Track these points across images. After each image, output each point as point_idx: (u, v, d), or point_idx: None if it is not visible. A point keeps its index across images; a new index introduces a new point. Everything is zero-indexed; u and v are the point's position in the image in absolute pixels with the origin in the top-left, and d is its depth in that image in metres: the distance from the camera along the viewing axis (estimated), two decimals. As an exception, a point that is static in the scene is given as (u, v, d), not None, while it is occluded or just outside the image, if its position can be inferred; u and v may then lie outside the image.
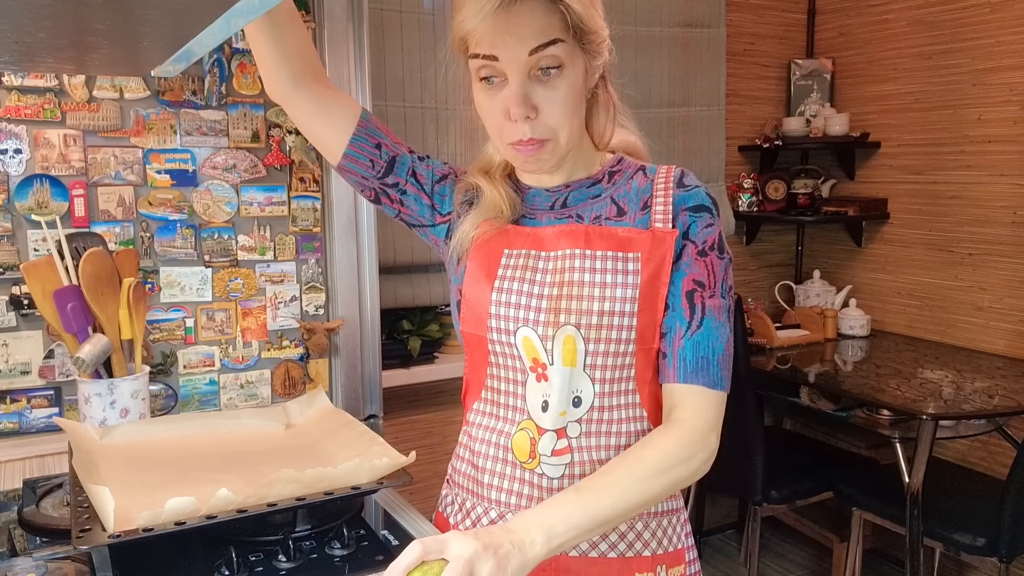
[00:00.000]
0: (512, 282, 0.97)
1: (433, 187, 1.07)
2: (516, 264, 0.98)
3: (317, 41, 1.65)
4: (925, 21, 2.80)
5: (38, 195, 1.46)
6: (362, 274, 1.72)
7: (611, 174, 1.01)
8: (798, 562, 2.96)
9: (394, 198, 1.06)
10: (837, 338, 2.98)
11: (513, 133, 0.91)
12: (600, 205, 0.99)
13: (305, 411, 1.41)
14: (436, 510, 1.13)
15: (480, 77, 0.91)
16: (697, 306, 0.93)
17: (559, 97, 0.89)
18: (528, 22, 0.86)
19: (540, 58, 0.87)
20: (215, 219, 1.60)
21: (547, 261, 0.97)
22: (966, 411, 2.18)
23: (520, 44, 0.86)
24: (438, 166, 1.09)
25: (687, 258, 0.95)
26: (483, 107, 0.94)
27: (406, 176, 1.06)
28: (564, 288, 0.94)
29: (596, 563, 0.97)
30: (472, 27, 0.87)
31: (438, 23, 2.35)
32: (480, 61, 0.89)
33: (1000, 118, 2.61)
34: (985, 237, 2.68)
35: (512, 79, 0.88)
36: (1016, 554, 2.13)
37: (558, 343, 0.94)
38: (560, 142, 0.92)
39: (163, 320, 1.57)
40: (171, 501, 0.94)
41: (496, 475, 1.00)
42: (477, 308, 0.99)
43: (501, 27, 0.86)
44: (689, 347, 0.92)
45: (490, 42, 0.87)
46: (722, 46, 2.87)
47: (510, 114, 0.89)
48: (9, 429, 1.47)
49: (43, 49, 1.07)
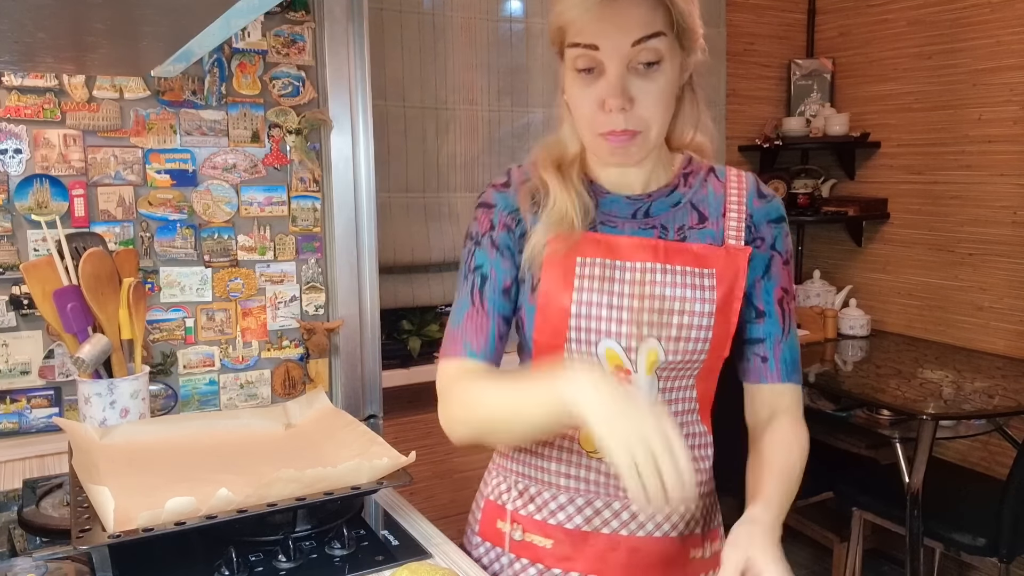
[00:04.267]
0: (591, 293, 0.96)
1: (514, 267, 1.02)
2: (592, 274, 0.97)
3: (317, 41, 1.66)
4: (925, 21, 2.80)
5: (38, 195, 1.46)
6: (362, 274, 1.72)
7: (686, 176, 1.02)
8: (798, 562, 2.96)
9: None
10: (837, 338, 2.98)
11: (606, 123, 0.90)
12: (682, 213, 1.00)
13: (305, 411, 1.41)
14: (485, 499, 1.12)
15: (577, 68, 0.91)
16: (787, 312, 1.02)
17: (655, 90, 0.89)
18: (632, 13, 0.86)
19: (641, 50, 0.87)
20: (215, 219, 1.60)
21: (624, 271, 0.96)
22: (966, 411, 2.18)
23: (623, 35, 0.86)
24: (502, 268, 1.01)
25: (775, 268, 1.01)
26: (576, 97, 0.93)
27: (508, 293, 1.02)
28: (646, 301, 0.95)
29: (661, 542, 1.01)
30: (574, 16, 0.88)
31: (438, 23, 2.35)
32: (579, 50, 0.89)
33: (1000, 118, 2.61)
34: (985, 237, 2.68)
35: (611, 70, 0.88)
36: (1016, 554, 2.13)
37: (642, 354, 0.96)
38: (651, 135, 0.92)
39: (163, 320, 1.57)
40: (171, 501, 0.94)
41: (563, 463, 1.02)
42: (554, 319, 0.98)
43: (605, 17, 0.86)
44: (787, 350, 1.02)
45: (592, 31, 0.87)
46: (722, 46, 2.87)
47: (606, 105, 0.89)
48: (9, 429, 1.47)
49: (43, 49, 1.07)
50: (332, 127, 1.66)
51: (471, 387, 0.94)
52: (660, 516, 1.00)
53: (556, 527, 1.01)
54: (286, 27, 1.63)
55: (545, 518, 1.02)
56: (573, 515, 0.99)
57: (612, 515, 0.99)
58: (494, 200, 1.02)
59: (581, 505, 1.00)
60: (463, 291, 1.01)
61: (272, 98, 1.63)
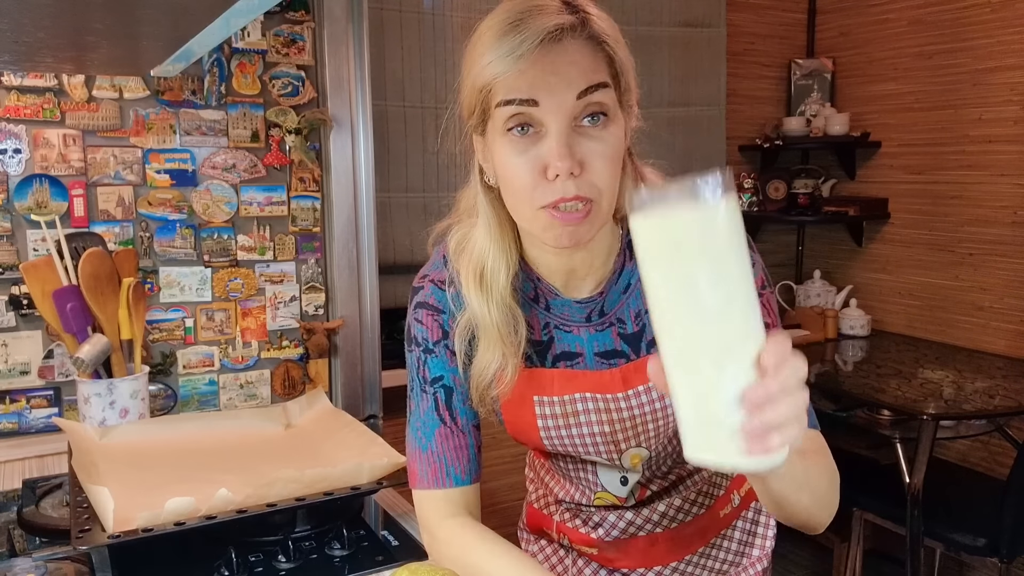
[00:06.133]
0: (558, 429, 0.90)
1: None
2: (554, 412, 0.90)
3: (317, 41, 1.66)
4: (925, 21, 2.80)
5: (37, 195, 1.45)
6: (362, 274, 1.72)
7: (631, 245, 0.92)
8: (798, 562, 2.95)
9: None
10: (837, 338, 2.97)
11: (551, 193, 0.75)
12: (634, 298, 0.88)
13: (305, 411, 1.41)
14: (529, 504, 1.11)
15: (508, 128, 0.76)
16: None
17: (607, 151, 0.76)
18: (574, 61, 0.74)
19: (588, 103, 0.74)
20: (215, 219, 1.60)
21: (586, 402, 0.88)
22: (967, 411, 2.18)
23: (566, 86, 0.74)
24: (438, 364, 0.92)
25: None
26: (511, 166, 0.77)
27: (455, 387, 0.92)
28: (616, 425, 0.89)
29: (695, 521, 1.01)
30: (505, 68, 0.73)
31: (438, 23, 2.34)
32: (513, 108, 0.75)
33: (1001, 118, 2.60)
34: (986, 237, 2.68)
35: (554, 128, 0.74)
36: (1016, 554, 2.12)
37: (626, 458, 0.93)
38: (603, 207, 0.77)
39: (163, 320, 1.57)
40: (171, 501, 0.94)
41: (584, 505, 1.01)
42: (528, 439, 0.93)
43: (545, 67, 0.73)
44: None
45: (529, 85, 0.74)
46: (722, 46, 2.87)
47: (550, 170, 0.74)
48: (9, 429, 1.47)
49: (43, 49, 1.07)
50: (332, 127, 1.66)
51: (471, 552, 0.86)
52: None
53: (597, 540, 1.02)
54: (286, 27, 1.63)
55: (588, 532, 1.02)
56: (611, 529, 1.00)
57: (645, 520, 0.99)
58: (438, 302, 0.90)
59: (614, 521, 1.00)
60: (423, 406, 0.91)
61: (272, 98, 1.63)
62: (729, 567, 1.06)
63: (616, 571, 1.03)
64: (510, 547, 0.84)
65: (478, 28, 0.78)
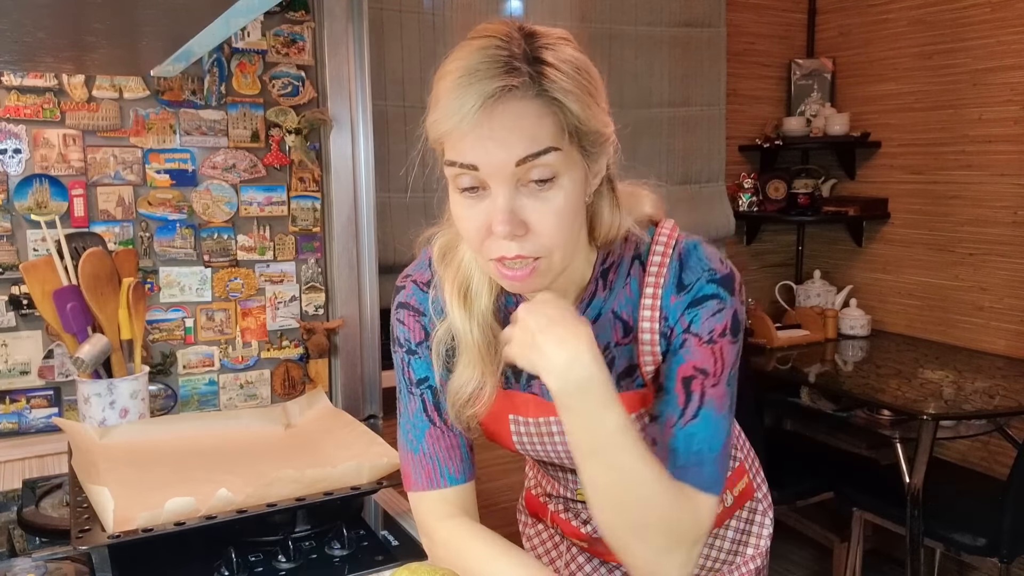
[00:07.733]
0: (533, 446, 0.93)
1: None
2: (529, 431, 0.92)
3: (317, 41, 1.66)
4: (925, 21, 2.80)
5: (37, 195, 1.46)
6: (362, 274, 1.72)
7: (605, 274, 0.87)
8: (798, 562, 2.95)
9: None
10: (837, 338, 2.97)
11: (497, 249, 0.75)
12: (605, 329, 0.86)
13: (305, 411, 1.41)
14: (526, 489, 1.15)
15: (460, 187, 0.75)
16: (695, 394, 0.82)
17: (552, 211, 0.74)
18: (515, 126, 0.71)
19: (530, 168, 0.72)
20: (215, 219, 1.60)
21: (560, 425, 0.86)
22: (967, 411, 2.18)
23: (505, 152, 0.71)
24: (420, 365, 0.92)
25: (688, 347, 0.83)
26: (460, 218, 0.77)
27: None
28: None
29: None
30: (447, 129, 0.72)
31: (438, 23, 2.34)
32: (456, 170, 0.74)
33: (1001, 118, 2.61)
34: (985, 237, 2.68)
35: (496, 191, 0.73)
36: (1016, 554, 2.12)
37: None
38: (554, 260, 0.76)
39: (163, 320, 1.57)
40: (171, 501, 0.94)
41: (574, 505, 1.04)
42: (500, 442, 0.96)
43: (483, 132, 0.71)
44: (681, 439, 0.81)
45: (470, 149, 0.72)
46: (722, 46, 2.87)
47: (493, 230, 0.74)
48: (9, 429, 1.47)
49: (43, 49, 1.07)
50: (332, 127, 1.66)
51: (470, 553, 0.85)
52: None
53: (587, 535, 1.03)
54: (286, 27, 1.63)
55: (578, 526, 1.04)
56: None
57: None
58: (419, 303, 0.91)
59: None
60: (412, 408, 0.90)
61: (272, 98, 1.63)
62: (722, 565, 1.07)
63: (607, 563, 1.05)
64: (510, 546, 0.84)
65: (443, 67, 0.75)
